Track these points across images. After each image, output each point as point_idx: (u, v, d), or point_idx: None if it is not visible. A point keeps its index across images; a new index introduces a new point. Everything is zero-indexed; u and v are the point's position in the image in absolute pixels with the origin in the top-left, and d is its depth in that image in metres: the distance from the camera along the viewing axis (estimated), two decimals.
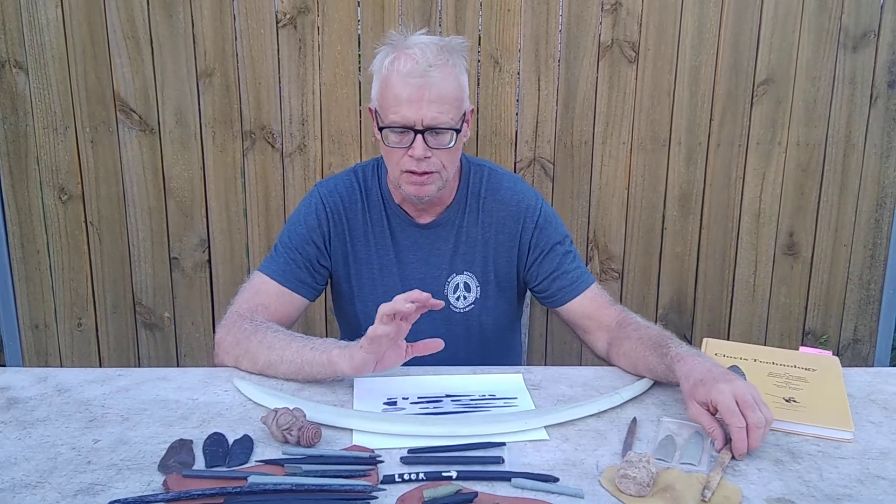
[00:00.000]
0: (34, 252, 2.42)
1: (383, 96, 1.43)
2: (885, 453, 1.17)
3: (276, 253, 1.56)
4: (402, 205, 1.57)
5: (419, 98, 1.39)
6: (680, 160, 2.45)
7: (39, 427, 1.20)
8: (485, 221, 1.58)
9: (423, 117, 1.39)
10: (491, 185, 1.59)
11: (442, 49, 1.42)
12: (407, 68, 1.39)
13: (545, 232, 1.58)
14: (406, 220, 1.58)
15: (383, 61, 1.44)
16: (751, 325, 2.60)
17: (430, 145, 1.42)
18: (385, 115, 1.43)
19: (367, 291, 1.60)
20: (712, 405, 1.16)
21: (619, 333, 1.48)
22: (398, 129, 1.42)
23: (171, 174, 2.38)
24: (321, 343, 1.34)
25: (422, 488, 1.03)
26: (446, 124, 1.41)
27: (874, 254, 2.56)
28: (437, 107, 1.39)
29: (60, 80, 2.29)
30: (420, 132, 1.40)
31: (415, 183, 1.46)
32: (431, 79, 1.38)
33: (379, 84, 1.45)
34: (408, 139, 1.42)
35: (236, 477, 1.04)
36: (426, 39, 1.43)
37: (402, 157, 1.44)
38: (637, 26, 2.35)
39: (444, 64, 1.41)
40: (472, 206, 1.58)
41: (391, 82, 1.41)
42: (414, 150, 1.41)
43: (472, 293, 1.60)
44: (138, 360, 2.52)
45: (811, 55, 2.39)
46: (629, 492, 1.04)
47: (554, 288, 1.57)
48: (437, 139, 1.42)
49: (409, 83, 1.39)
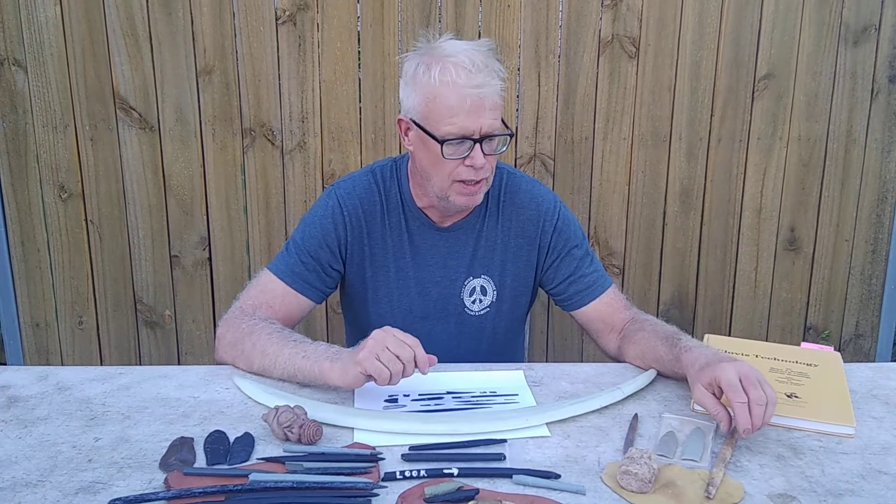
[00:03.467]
0: (34, 250, 2.42)
1: (433, 108, 1.39)
2: (886, 448, 1.17)
3: (287, 252, 1.54)
4: (425, 209, 1.55)
5: (479, 107, 1.36)
6: (681, 155, 2.45)
7: (40, 425, 1.20)
8: (504, 225, 1.57)
9: (481, 126, 1.37)
10: (509, 188, 1.58)
11: (486, 55, 1.40)
12: (462, 79, 1.36)
13: (563, 235, 1.58)
14: (426, 224, 1.56)
15: (429, 73, 1.38)
16: (752, 321, 2.59)
17: (485, 153, 1.40)
18: (437, 127, 1.39)
19: (382, 294, 1.58)
20: (716, 383, 1.17)
21: (633, 326, 1.50)
22: (455, 141, 1.39)
23: (172, 172, 2.37)
24: (313, 352, 1.32)
25: (423, 485, 1.03)
26: (501, 130, 1.41)
27: (875, 249, 2.56)
28: (492, 114, 1.38)
29: (60, 79, 2.29)
30: (478, 141, 1.39)
31: (467, 193, 1.44)
32: (487, 88, 1.36)
33: (423, 96, 1.39)
34: (464, 149, 1.39)
35: (237, 475, 1.04)
36: (465, 46, 1.40)
37: (457, 168, 1.41)
38: (637, 21, 2.34)
39: (490, 70, 1.39)
40: (492, 210, 1.57)
41: (443, 94, 1.37)
42: (475, 160, 1.39)
43: (489, 297, 1.59)
44: (139, 358, 2.52)
45: (812, 50, 2.38)
46: (631, 488, 1.04)
47: (570, 291, 1.57)
48: (491, 145, 1.42)
49: (467, 93, 1.35)
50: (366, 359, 1.22)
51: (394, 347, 1.22)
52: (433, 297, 1.58)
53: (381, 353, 1.21)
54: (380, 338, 1.23)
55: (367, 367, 1.21)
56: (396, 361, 1.21)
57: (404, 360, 1.21)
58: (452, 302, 1.58)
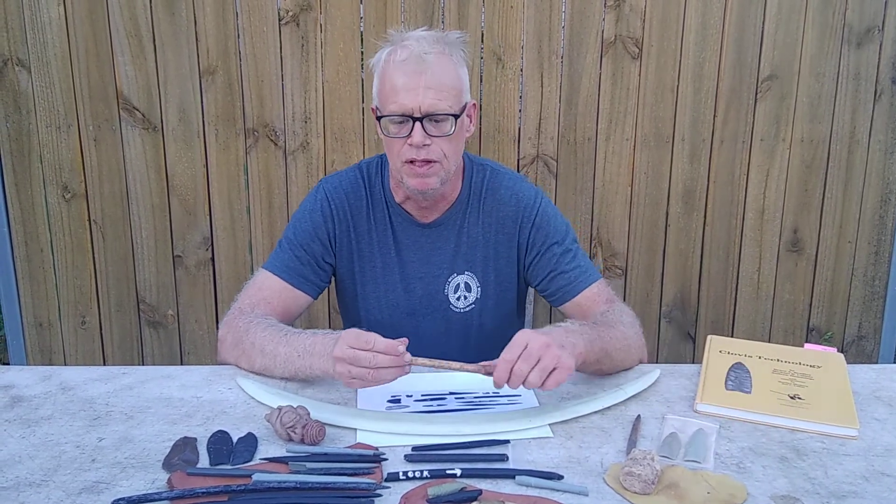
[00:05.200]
0: (38, 250, 2.42)
1: (381, 89, 1.43)
2: (890, 450, 1.17)
3: (280, 249, 1.56)
4: (403, 204, 1.56)
5: (416, 85, 1.38)
6: (683, 157, 2.45)
7: (44, 425, 1.20)
8: (485, 221, 1.58)
9: (420, 104, 1.38)
10: (492, 184, 1.58)
11: (438, 40, 1.43)
12: (402, 57, 1.39)
13: (542, 231, 1.57)
14: (408, 220, 1.57)
15: (381, 56, 1.45)
16: (755, 322, 2.59)
17: (429, 133, 1.40)
18: (384, 107, 1.43)
19: (370, 289, 1.60)
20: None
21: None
22: (397, 119, 1.41)
23: (174, 172, 2.38)
24: (304, 349, 1.31)
25: (426, 486, 1.03)
26: (445, 111, 1.40)
27: (878, 250, 2.55)
28: (434, 93, 1.39)
29: (63, 78, 2.29)
30: (419, 119, 1.39)
31: (417, 175, 1.43)
32: (427, 65, 1.38)
33: (377, 79, 1.45)
34: (407, 128, 1.40)
35: (240, 475, 1.04)
36: (423, 33, 1.44)
37: (403, 147, 1.42)
38: (640, 22, 2.34)
39: (440, 52, 1.41)
40: (474, 206, 1.57)
41: (388, 73, 1.41)
42: (413, 138, 1.39)
43: (473, 293, 1.60)
44: (142, 358, 2.52)
45: (815, 51, 2.38)
46: (634, 489, 1.04)
47: (553, 287, 1.57)
48: (437, 127, 1.41)
49: (406, 70, 1.38)
50: (342, 375, 1.22)
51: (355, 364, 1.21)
52: (418, 293, 1.59)
53: (350, 369, 1.21)
54: (341, 355, 1.21)
55: (346, 384, 1.24)
56: (366, 375, 1.20)
57: (372, 378, 1.20)
58: (437, 298, 1.59)
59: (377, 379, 1.20)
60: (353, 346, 1.20)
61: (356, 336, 1.21)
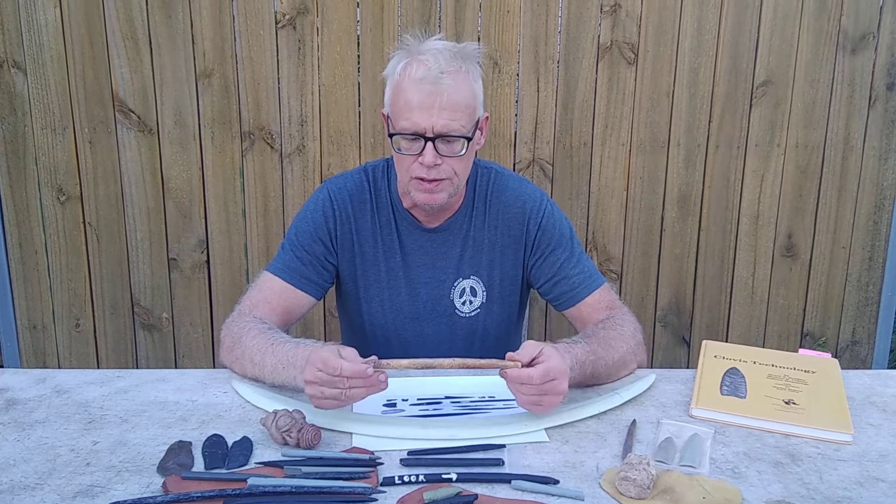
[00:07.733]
0: (32, 253, 2.42)
1: (395, 102, 1.41)
2: (884, 455, 1.17)
3: (282, 250, 1.55)
4: (410, 209, 1.55)
5: (430, 105, 1.37)
6: (679, 162, 2.45)
7: (38, 428, 1.19)
8: (490, 224, 1.57)
9: (433, 124, 1.37)
10: (497, 187, 1.57)
11: (455, 55, 1.40)
12: (419, 74, 1.37)
13: (547, 234, 1.57)
14: (414, 224, 1.56)
15: (396, 67, 1.42)
16: (749, 327, 2.60)
17: (440, 153, 1.39)
18: (396, 122, 1.41)
19: (374, 293, 1.59)
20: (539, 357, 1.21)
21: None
22: (409, 136, 1.39)
23: (170, 175, 2.37)
24: (288, 361, 1.29)
25: (422, 490, 1.03)
26: (457, 132, 1.39)
27: (872, 256, 2.56)
28: (448, 114, 1.37)
29: (59, 81, 2.29)
30: (431, 139, 1.38)
31: (425, 191, 1.43)
32: (443, 86, 1.36)
33: (391, 90, 1.43)
34: (418, 146, 1.40)
35: (236, 479, 1.04)
36: (440, 45, 1.41)
37: (413, 164, 1.41)
38: (636, 28, 2.35)
39: (456, 70, 1.39)
40: (479, 210, 1.57)
41: (402, 88, 1.39)
42: (424, 158, 1.39)
43: (479, 298, 1.59)
44: (136, 362, 2.51)
45: (810, 57, 2.39)
46: (629, 494, 1.04)
47: (556, 292, 1.57)
48: (449, 147, 1.40)
49: (421, 89, 1.36)
50: (313, 398, 1.19)
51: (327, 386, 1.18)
52: (423, 298, 1.58)
53: (322, 390, 1.18)
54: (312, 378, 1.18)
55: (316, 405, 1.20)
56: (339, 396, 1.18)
57: (345, 398, 1.18)
58: (442, 303, 1.58)
59: (350, 398, 1.18)
60: (321, 370, 1.17)
61: (323, 362, 1.17)
